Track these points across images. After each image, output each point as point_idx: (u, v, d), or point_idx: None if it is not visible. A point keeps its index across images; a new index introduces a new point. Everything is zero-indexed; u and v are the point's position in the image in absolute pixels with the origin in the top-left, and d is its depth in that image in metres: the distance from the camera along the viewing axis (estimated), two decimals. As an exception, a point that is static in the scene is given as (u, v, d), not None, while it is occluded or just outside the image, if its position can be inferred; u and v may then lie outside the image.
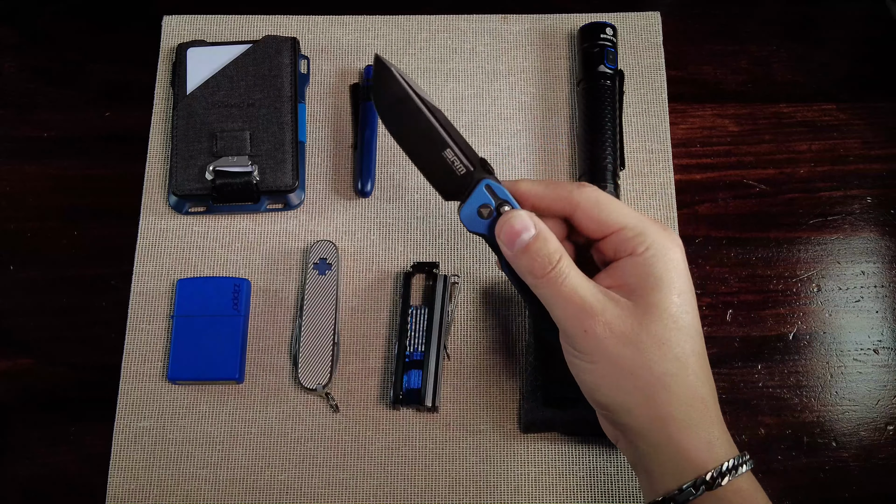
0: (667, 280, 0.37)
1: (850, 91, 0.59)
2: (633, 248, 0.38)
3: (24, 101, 0.59)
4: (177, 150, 0.55)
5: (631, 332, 0.36)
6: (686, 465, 0.36)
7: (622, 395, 0.36)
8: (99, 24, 0.62)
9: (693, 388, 0.37)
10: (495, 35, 0.60)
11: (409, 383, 0.50)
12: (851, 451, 0.51)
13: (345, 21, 0.61)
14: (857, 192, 0.57)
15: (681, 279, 0.38)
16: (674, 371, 0.36)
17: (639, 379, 0.36)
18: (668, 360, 0.36)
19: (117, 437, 0.50)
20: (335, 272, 0.53)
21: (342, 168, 0.57)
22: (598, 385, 0.37)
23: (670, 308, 0.37)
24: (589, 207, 0.39)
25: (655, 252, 0.38)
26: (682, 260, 0.39)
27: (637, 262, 0.38)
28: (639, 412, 0.36)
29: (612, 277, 0.39)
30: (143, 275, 0.54)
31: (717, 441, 0.37)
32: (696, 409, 0.37)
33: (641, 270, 0.38)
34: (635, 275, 0.38)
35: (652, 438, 0.37)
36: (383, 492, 0.49)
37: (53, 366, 0.53)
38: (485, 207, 0.39)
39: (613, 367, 0.36)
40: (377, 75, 0.43)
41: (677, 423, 0.36)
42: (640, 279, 0.37)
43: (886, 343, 0.53)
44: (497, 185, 0.40)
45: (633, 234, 0.38)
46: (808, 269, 0.55)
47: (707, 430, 0.37)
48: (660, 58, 0.59)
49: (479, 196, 0.40)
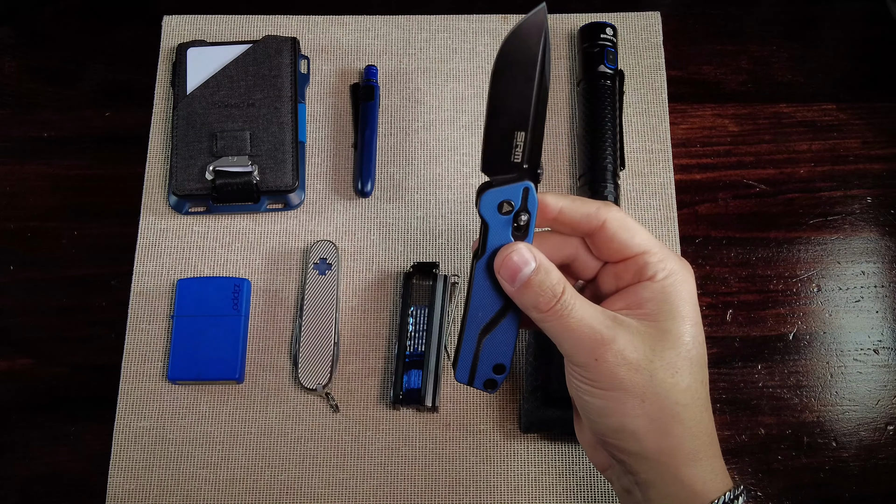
0: (682, 309, 0.37)
1: (850, 91, 0.59)
2: (654, 274, 0.37)
3: (24, 101, 0.59)
4: (177, 150, 0.55)
5: (643, 359, 0.35)
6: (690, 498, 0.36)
7: (631, 420, 0.36)
8: (99, 24, 0.62)
9: (700, 420, 0.37)
10: (495, 35, 0.60)
11: (409, 383, 0.50)
12: (851, 451, 0.51)
13: (345, 21, 0.61)
14: (857, 192, 0.57)
15: (694, 310, 0.38)
16: (685, 401, 0.36)
17: (650, 406, 0.35)
18: (680, 389, 0.36)
19: (117, 437, 0.50)
20: (335, 272, 0.53)
21: (342, 168, 0.57)
22: (608, 411, 0.36)
23: (684, 336, 0.37)
24: (616, 227, 0.38)
25: (674, 280, 0.37)
26: (695, 291, 0.39)
27: (656, 288, 0.37)
28: (647, 440, 0.36)
29: (625, 301, 0.38)
30: (143, 275, 0.54)
31: (718, 474, 0.37)
32: (702, 441, 0.37)
33: (660, 296, 0.37)
34: (653, 300, 0.37)
35: (658, 468, 0.36)
36: (383, 492, 0.49)
37: (53, 366, 0.53)
38: (508, 204, 0.38)
39: (624, 394, 0.36)
40: (530, 23, 0.37)
41: (685, 455, 0.36)
42: (658, 305, 0.37)
43: (886, 343, 0.53)
44: (533, 195, 0.38)
45: (655, 260, 0.38)
46: (808, 269, 0.55)
47: (710, 463, 0.37)
48: (660, 58, 0.59)
49: (512, 191, 0.38)
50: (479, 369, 0.41)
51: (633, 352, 0.35)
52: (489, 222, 0.38)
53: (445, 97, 0.59)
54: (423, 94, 0.59)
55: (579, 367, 0.37)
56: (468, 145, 0.57)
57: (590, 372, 0.36)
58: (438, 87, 0.59)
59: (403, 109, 0.58)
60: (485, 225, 0.38)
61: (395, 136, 0.58)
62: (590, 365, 0.36)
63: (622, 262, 0.39)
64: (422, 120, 0.58)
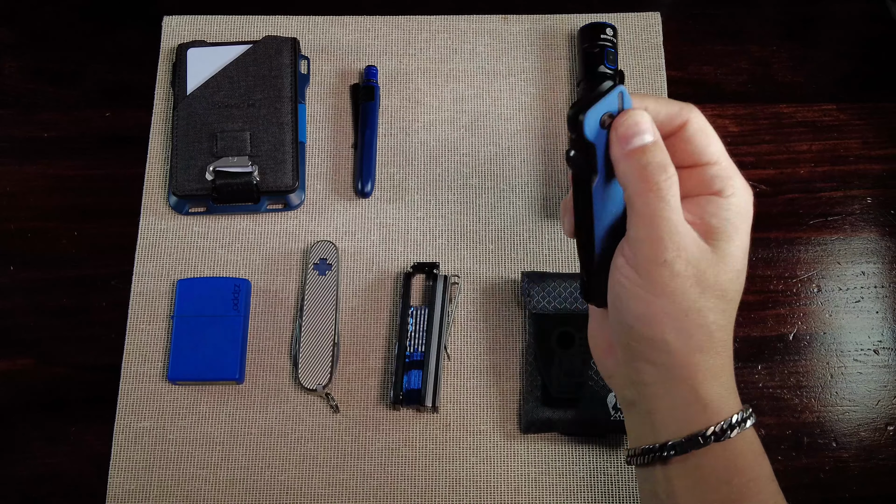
0: (742, 231, 0.36)
1: (850, 91, 0.59)
2: (722, 189, 0.37)
3: (24, 101, 0.59)
4: (177, 151, 0.55)
5: (702, 276, 0.35)
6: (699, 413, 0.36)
7: (668, 331, 0.35)
8: (99, 24, 0.62)
9: (728, 342, 0.37)
10: (495, 35, 0.60)
11: (409, 383, 0.50)
12: (852, 451, 0.51)
13: (345, 21, 0.61)
14: (857, 193, 0.57)
15: (748, 239, 0.37)
16: (722, 322, 0.36)
17: (691, 322, 0.35)
18: (721, 311, 0.36)
19: (117, 438, 0.50)
20: (335, 272, 0.53)
21: (342, 168, 0.57)
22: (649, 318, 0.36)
23: (738, 262, 0.36)
24: (695, 129, 0.37)
25: (739, 200, 0.37)
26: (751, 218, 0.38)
27: (722, 205, 0.36)
28: (676, 352, 0.36)
29: (689, 212, 0.37)
30: (144, 275, 0.54)
31: (730, 395, 0.37)
32: (724, 361, 0.37)
33: (725, 215, 0.36)
34: (718, 217, 0.36)
35: (678, 382, 0.36)
36: (383, 492, 0.49)
37: (53, 366, 0.53)
38: (609, 116, 0.36)
39: (672, 304, 0.35)
40: None
41: (705, 372, 0.36)
42: (722, 223, 0.36)
43: (887, 343, 0.53)
44: (627, 97, 0.36)
45: (725, 175, 0.37)
46: (808, 270, 0.55)
47: (727, 383, 0.37)
48: (660, 58, 0.59)
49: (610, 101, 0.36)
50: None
51: (696, 265, 0.35)
52: (596, 142, 0.36)
53: (445, 97, 0.59)
54: (423, 94, 0.59)
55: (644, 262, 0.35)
56: (468, 145, 0.57)
57: (652, 272, 0.35)
58: (438, 87, 0.59)
59: (403, 110, 0.58)
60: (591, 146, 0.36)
61: (395, 136, 0.58)
62: (656, 264, 0.35)
63: (691, 168, 0.37)
64: (422, 120, 0.58)
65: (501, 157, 0.57)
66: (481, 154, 0.57)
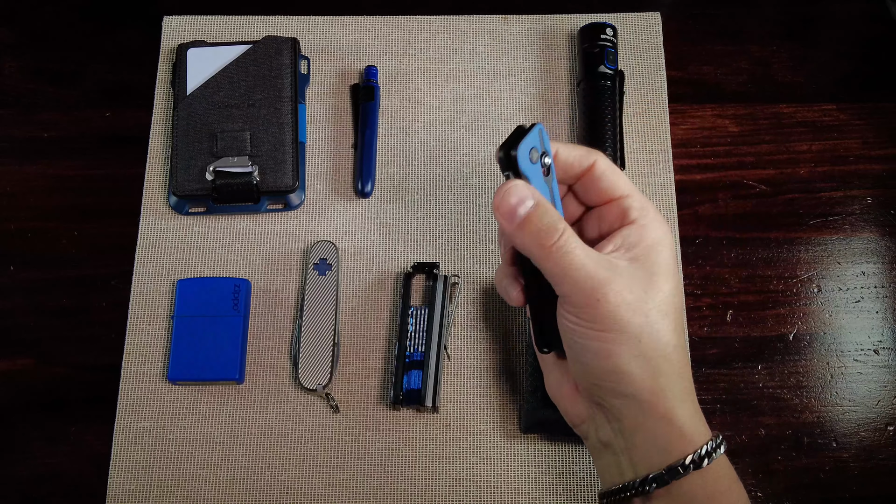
0: (666, 255, 0.38)
1: (850, 91, 0.59)
2: (637, 218, 0.39)
3: (24, 101, 0.59)
4: (177, 151, 0.55)
5: (640, 300, 0.36)
6: (677, 440, 0.36)
7: (627, 361, 0.36)
8: (99, 24, 0.62)
9: (684, 362, 0.38)
10: (495, 35, 0.60)
11: (409, 384, 0.50)
12: (852, 451, 0.51)
13: (345, 21, 0.61)
14: (857, 193, 0.57)
15: (673, 258, 0.39)
16: (674, 342, 0.37)
17: (645, 346, 0.36)
18: (670, 330, 0.37)
19: (117, 438, 0.50)
20: (335, 272, 0.53)
21: (342, 168, 0.57)
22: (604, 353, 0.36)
23: (670, 282, 0.38)
24: (604, 167, 0.39)
25: (655, 227, 0.39)
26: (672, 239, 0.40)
27: (641, 232, 0.38)
28: (641, 380, 0.36)
29: (613, 244, 0.39)
30: (144, 275, 0.54)
31: (699, 417, 0.38)
32: (686, 383, 0.38)
33: (645, 241, 0.38)
34: (640, 244, 0.38)
35: (649, 409, 0.37)
36: (384, 492, 0.49)
37: (53, 366, 0.53)
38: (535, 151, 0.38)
39: (622, 335, 0.36)
40: None
41: (674, 395, 0.37)
42: (645, 249, 0.38)
43: (887, 343, 0.53)
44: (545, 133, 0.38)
45: (637, 205, 0.39)
46: (808, 270, 0.55)
47: (693, 405, 0.38)
48: (660, 58, 0.59)
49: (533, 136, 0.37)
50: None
51: (630, 293, 0.36)
52: (528, 175, 0.37)
53: (445, 97, 0.59)
54: (423, 94, 0.59)
55: (578, 307, 0.37)
56: (468, 145, 0.57)
57: (589, 313, 0.36)
58: (438, 87, 0.59)
59: (403, 110, 0.58)
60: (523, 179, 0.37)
61: (395, 136, 0.58)
62: (590, 306, 0.36)
63: (606, 205, 0.40)
64: (422, 120, 0.58)
65: (501, 157, 0.57)
66: (481, 154, 0.57)
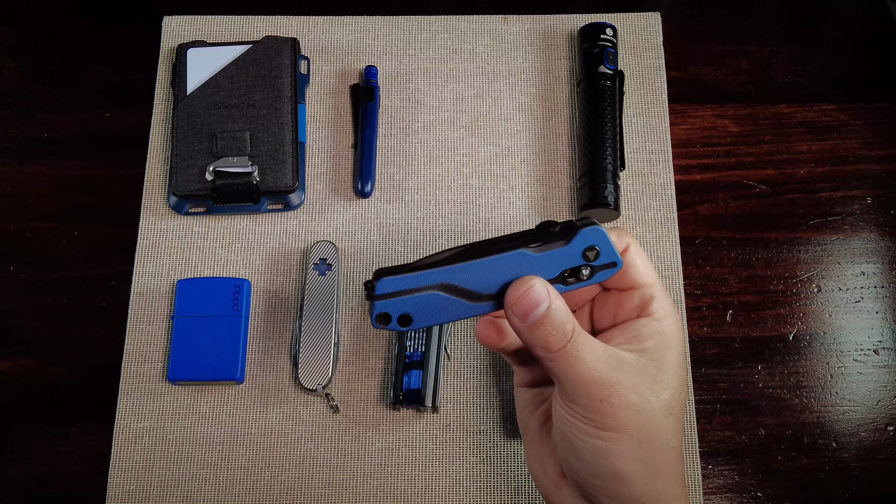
0: (675, 352, 0.37)
1: (850, 91, 0.59)
2: (655, 310, 0.38)
3: (24, 101, 0.59)
4: (177, 151, 0.55)
5: (643, 401, 0.35)
6: None
7: (626, 464, 0.35)
8: (99, 24, 0.62)
9: (680, 462, 0.37)
10: (495, 35, 0.60)
11: (409, 383, 0.50)
12: (852, 451, 0.51)
13: (345, 21, 0.61)
14: (857, 193, 0.57)
15: (683, 353, 0.38)
16: (674, 444, 0.36)
17: (645, 449, 0.35)
18: (672, 430, 0.36)
19: (117, 438, 0.50)
20: (335, 272, 0.53)
21: (342, 168, 0.57)
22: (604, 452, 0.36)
23: (676, 379, 0.37)
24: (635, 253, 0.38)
25: (670, 322, 0.38)
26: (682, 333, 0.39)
27: (655, 327, 0.37)
28: (638, 483, 0.36)
29: (625, 335, 0.38)
30: (144, 275, 0.54)
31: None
32: (681, 484, 0.37)
33: (660, 335, 0.37)
34: (654, 338, 0.37)
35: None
36: (384, 492, 0.49)
37: (53, 366, 0.53)
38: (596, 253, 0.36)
39: (623, 436, 0.35)
40: None
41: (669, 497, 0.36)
42: (658, 343, 0.37)
43: (886, 343, 0.53)
44: (613, 271, 0.37)
45: (659, 296, 0.38)
46: (808, 270, 0.55)
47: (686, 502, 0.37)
48: (660, 58, 0.59)
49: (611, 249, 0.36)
50: (397, 301, 0.36)
51: (634, 394, 0.35)
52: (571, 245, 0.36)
53: (445, 97, 0.59)
54: (423, 94, 0.59)
55: (583, 408, 0.35)
56: (468, 145, 0.57)
57: (591, 412, 0.35)
58: (438, 87, 0.59)
59: (403, 110, 0.58)
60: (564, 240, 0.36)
61: (394, 136, 0.58)
62: (593, 406, 0.35)
63: (626, 292, 0.39)
64: (422, 120, 0.58)
65: (501, 158, 0.57)
66: (481, 154, 0.57)
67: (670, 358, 0.37)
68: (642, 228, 0.55)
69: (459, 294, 0.37)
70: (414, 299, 0.36)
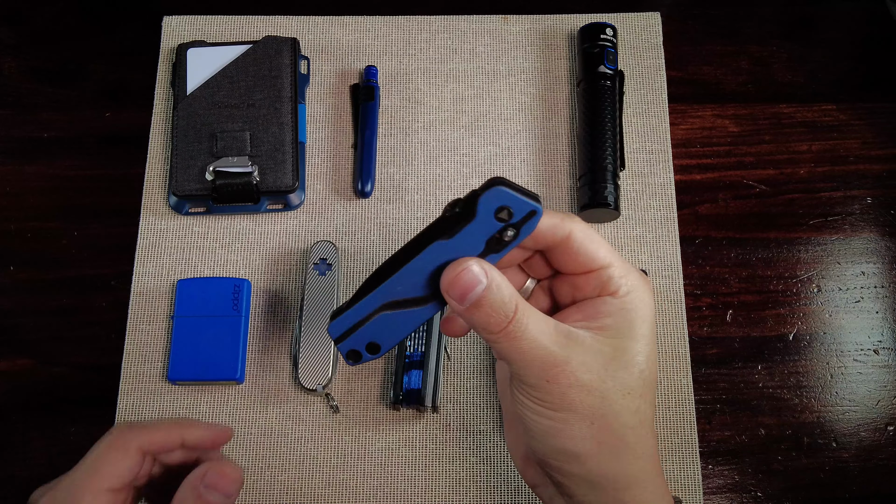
0: (641, 327, 0.36)
1: (849, 91, 0.59)
2: (616, 289, 0.36)
3: (24, 101, 0.59)
4: (177, 151, 0.55)
5: (596, 380, 0.34)
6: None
7: (578, 443, 0.35)
8: (99, 24, 0.62)
9: (646, 442, 0.36)
10: (495, 35, 0.60)
11: (409, 383, 0.50)
12: (852, 451, 0.51)
13: (345, 21, 0.61)
14: (857, 193, 0.57)
15: (651, 329, 0.36)
16: (633, 424, 0.35)
17: (598, 429, 0.34)
18: (630, 411, 0.35)
19: (117, 438, 0.50)
20: (335, 272, 0.53)
21: (342, 168, 0.57)
22: (554, 432, 0.35)
23: (637, 357, 0.35)
24: (581, 238, 0.36)
25: (635, 297, 0.36)
26: (654, 309, 0.37)
27: (616, 304, 0.36)
28: (592, 463, 0.35)
29: (583, 313, 0.36)
30: (143, 275, 0.54)
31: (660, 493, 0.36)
32: (647, 463, 0.36)
33: (620, 313, 0.36)
34: (612, 315, 0.36)
35: (599, 492, 0.35)
36: (384, 492, 0.49)
37: (53, 366, 0.53)
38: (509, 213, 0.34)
39: (573, 415, 0.34)
40: None
41: (628, 479, 0.35)
42: (617, 321, 0.35)
43: (887, 343, 0.53)
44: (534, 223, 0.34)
45: (618, 274, 0.36)
46: (808, 270, 0.55)
47: (653, 484, 0.36)
48: (660, 58, 0.59)
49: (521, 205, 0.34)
50: (356, 335, 0.37)
51: (586, 373, 0.34)
52: (478, 214, 0.34)
53: (445, 97, 0.59)
54: (423, 94, 0.59)
55: (530, 387, 0.35)
56: (468, 145, 0.57)
57: (539, 392, 0.34)
58: (438, 87, 0.59)
59: (403, 110, 0.58)
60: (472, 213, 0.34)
61: (394, 136, 0.58)
62: (540, 385, 0.34)
63: (584, 275, 0.37)
64: (422, 120, 0.58)
65: (501, 158, 0.57)
66: (481, 154, 0.57)
67: (632, 335, 0.35)
68: (642, 228, 0.55)
69: (404, 305, 0.36)
70: (368, 328, 0.36)
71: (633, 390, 0.35)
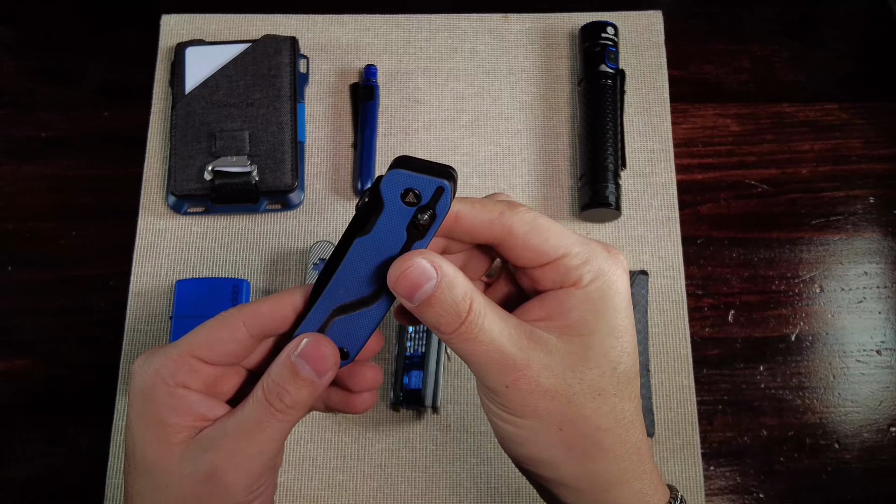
0: (610, 319, 0.32)
1: (851, 91, 0.59)
2: (578, 279, 0.32)
3: (23, 101, 0.59)
4: (175, 150, 0.54)
5: (561, 384, 0.31)
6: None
7: (546, 450, 0.32)
8: (99, 24, 0.62)
9: (626, 441, 0.33)
10: (496, 34, 0.60)
11: (409, 384, 0.50)
12: (854, 452, 0.50)
13: (344, 20, 0.60)
14: (859, 192, 0.57)
15: (625, 317, 0.33)
16: (607, 426, 0.32)
17: (567, 434, 0.32)
18: (603, 413, 0.32)
19: (117, 438, 0.50)
20: (335, 272, 0.53)
21: (342, 168, 0.57)
22: (521, 439, 0.33)
23: (610, 353, 0.32)
24: (524, 232, 0.32)
25: (601, 284, 0.32)
26: (627, 290, 0.34)
27: (580, 296, 0.32)
28: (565, 468, 0.33)
29: (545, 309, 0.33)
30: (142, 275, 0.54)
31: (649, 489, 0.34)
32: (628, 463, 0.33)
33: (585, 305, 0.32)
34: (577, 309, 0.32)
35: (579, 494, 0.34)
36: (384, 493, 0.49)
37: (53, 366, 0.53)
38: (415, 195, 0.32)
39: (539, 422, 0.32)
40: None
41: (607, 481, 0.33)
42: (582, 315, 0.32)
43: (889, 344, 0.53)
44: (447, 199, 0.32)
45: (578, 262, 0.32)
46: (810, 270, 0.55)
47: (639, 481, 0.34)
48: (661, 57, 0.59)
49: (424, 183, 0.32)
50: None
51: (549, 377, 0.31)
52: (385, 203, 0.32)
53: (445, 97, 0.58)
54: (423, 93, 0.58)
55: (490, 392, 0.32)
56: (468, 145, 0.57)
57: (500, 397, 0.32)
58: (438, 86, 0.59)
59: (403, 109, 0.58)
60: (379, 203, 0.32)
61: (394, 136, 0.57)
62: (500, 391, 0.32)
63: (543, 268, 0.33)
64: (422, 120, 0.58)
65: (502, 157, 0.57)
66: (481, 154, 0.57)
67: (601, 328, 0.32)
68: (643, 228, 0.55)
69: (355, 307, 0.35)
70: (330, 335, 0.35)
71: (605, 390, 0.32)
